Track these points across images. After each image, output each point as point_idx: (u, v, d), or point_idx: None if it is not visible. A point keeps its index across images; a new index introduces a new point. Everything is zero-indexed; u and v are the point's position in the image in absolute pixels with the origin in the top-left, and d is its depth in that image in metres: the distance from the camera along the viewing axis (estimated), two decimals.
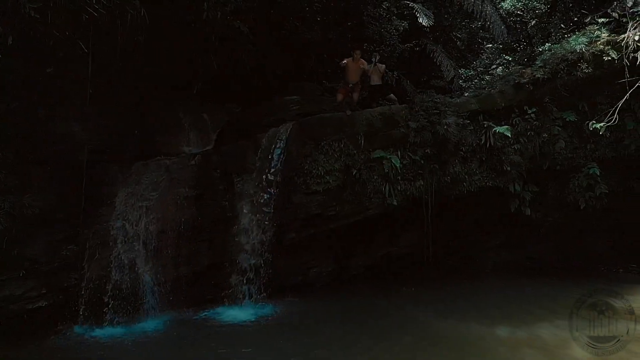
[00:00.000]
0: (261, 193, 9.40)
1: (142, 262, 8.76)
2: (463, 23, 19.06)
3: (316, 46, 12.65)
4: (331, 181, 9.93)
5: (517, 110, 11.12)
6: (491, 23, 15.55)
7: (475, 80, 15.95)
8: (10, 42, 7.15)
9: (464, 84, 16.16)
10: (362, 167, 10.16)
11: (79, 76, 8.41)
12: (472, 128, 10.94)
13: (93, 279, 8.35)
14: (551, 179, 11.37)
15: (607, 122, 9.78)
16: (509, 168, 10.88)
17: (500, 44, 16.81)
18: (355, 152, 10.14)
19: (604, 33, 10.71)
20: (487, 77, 14.64)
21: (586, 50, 10.54)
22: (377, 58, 11.93)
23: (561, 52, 10.76)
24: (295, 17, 12.02)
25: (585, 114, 10.75)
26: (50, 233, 8.08)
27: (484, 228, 11.92)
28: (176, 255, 8.93)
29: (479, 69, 16.76)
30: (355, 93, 10.97)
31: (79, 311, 8.23)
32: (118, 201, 8.76)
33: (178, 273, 8.96)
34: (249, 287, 9.36)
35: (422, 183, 10.63)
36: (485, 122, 10.92)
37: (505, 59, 15.36)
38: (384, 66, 11.90)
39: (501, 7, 16.77)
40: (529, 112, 10.97)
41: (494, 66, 15.60)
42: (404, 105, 11.15)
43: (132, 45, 9.04)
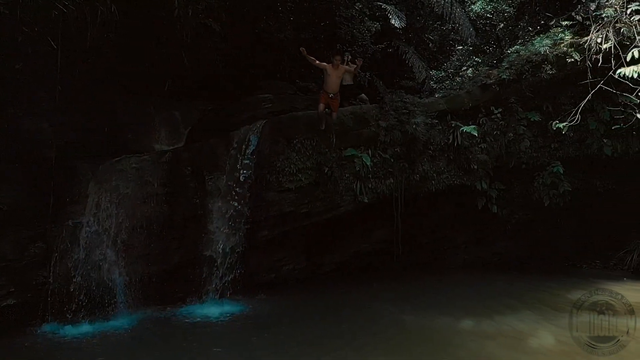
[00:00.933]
0: (233, 191, 9.43)
1: (112, 260, 8.72)
2: (435, 25, 19.39)
3: (289, 45, 12.74)
4: (303, 179, 10.02)
5: (484, 110, 11.44)
6: (460, 25, 15.91)
7: (446, 81, 16.29)
8: None
9: (435, 85, 16.48)
10: (334, 165, 10.28)
11: (48, 73, 8.35)
12: (441, 128, 11.20)
13: (62, 277, 8.29)
14: (517, 177, 11.70)
15: (570, 122, 10.16)
16: (476, 167, 11.17)
17: (470, 46, 17.18)
18: (327, 151, 10.26)
19: (568, 35, 11.07)
20: (458, 79, 14.95)
21: (550, 52, 10.88)
22: (349, 58, 12.13)
23: (526, 54, 11.09)
24: (268, 16, 12.09)
25: (549, 114, 11.12)
26: (18, 230, 7.99)
27: (453, 225, 12.18)
28: (146, 253, 8.90)
29: (450, 71, 17.11)
30: (334, 107, 10.21)
31: (48, 309, 8.15)
32: (88, 198, 8.69)
33: (148, 271, 8.93)
34: (221, 285, 9.36)
35: (392, 181, 10.83)
36: (453, 122, 11.19)
37: (475, 61, 15.71)
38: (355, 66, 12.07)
39: (471, 10, 17.15)
40: (495, 112, 11.29)
41: (465, 68, 15.92)
42: (375, 104, 11.35)
43: (103, 42, 9.03)
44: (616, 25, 10.41)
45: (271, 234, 10.13)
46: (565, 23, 11.50)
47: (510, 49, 12.75)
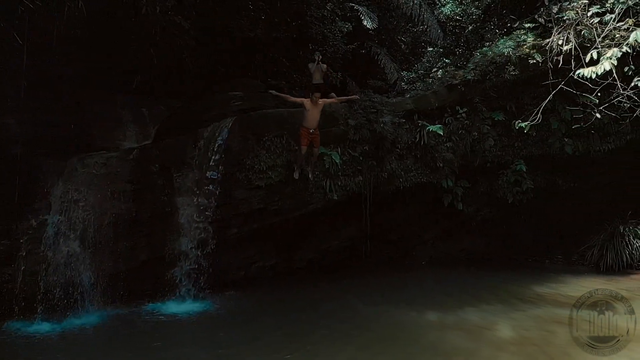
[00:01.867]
0: (201, 188, 9.44)
1: (79, 257, 8.64)
2: (407, 27, 19.70)
3: (261, 44, 12.81)
4: (273, 176, 10.08)
5: (450, 110, 11.71)
6: (429, 27, 16.22)
7: (417, 82, 16.59)
8: None
9: (406, 86, 16.78)
10: (304, 163, 10.39)
11: (14, 68, 8.28)
12: (408, 127, 11.42)
13: (28, 275, 8.20)
14: (482, 175, 12.01)
15: (531, 122, 10.42)
16: (442, 165, 11.43)
17: (440, 48, 17.53)
18: (297, 148, 10.34)
19: (530, 37, 11.37)
20: (429, 80, 15.24)
21: (513, 53, 11.18)
22: (320, 58, 12.30)
23: (490, 56, 11.39)
24: (239, 15, 12.13)
25: (513, 114, 11.39)
26: None
27: (421, 222, 12.42)
28: (114, 250, 8.85)
29: (421, 72, 17.44)
30: (316, 142, 9.91)
31: (14, 307, 8.04)
32: (54, 196, 8.59)
33: (116, 268, 8.87)
34: (189, 283, 9.35)
35: (361, 179, 11.00)
36: (420, 121, 11.43)
37: (445, 62, 16.03)
38: (326, 66, 12.26)
39: (441, 12, 17.47)
40: (461, 112, 11.57)
41: (435, 69, 16.24)
42: (344, 103, 11.47)
43: (70, 37, 8.98)
44: (577, 27, 10.71)
45: (241, 232, 10.16)
46: (528, 25, 11.81)
47: (478, 51, 13.08)
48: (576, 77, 9.88)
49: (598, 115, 10.42)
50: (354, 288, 10.34)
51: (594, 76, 9.63)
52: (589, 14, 10.62)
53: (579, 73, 9.79)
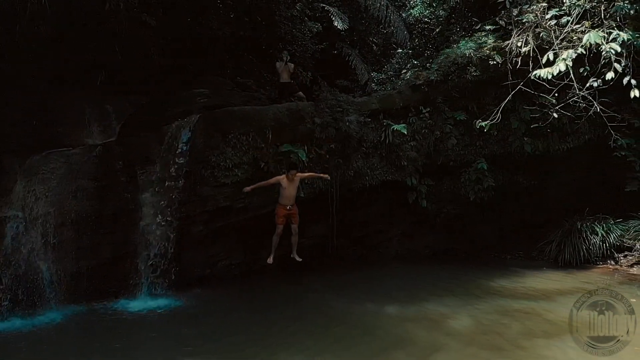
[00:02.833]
0: (165, 185, 9.46)
1: (41, 255, 8.58)
2: (378, 29, 19.96)
3: (230, 42, 12.85)
4: (240, 174, 10.12)
5: (414, 109, 11.94)
6: (395, 29, 16.46)
7: (387, 83, 16.88)
8: None
9: (376, 87, 17.05)
10: (271, 161, 10.45)
11: None
12: (373, 126, 11.62)
13: None
14: (445, 174, 12.26)
15: (492, 121, 10.76)
16: (406, 163, 11.65)
17: (410, 50, 17.84)
18: (263, 146, 10.40)
19: (491, 39, 11.72)
20: (400, 82, 15.48)
21: (474, 54, 11.49)
22: (288, 57, 12.43)
23: (453, 57, 11.68)
24: (207, 13, 12.16)
25: (474, 114, 11.67)
26: None
27: (387, 219, 12.61)
28: (77, 247, 8.81)
29: (390, 73, 17.74)
30: (294, 218, 9.80)
31: None
32: (15, 193, 8.52)
33: (79, 265, 8.84)
34: (153, 280, 9.37)
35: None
36: (385, 121, 11.64)
37: (413, 64, 16.31)
38: (293, 65, 12.39)
39: (410, 14, 17.81)
40: (424, 112, 11.81)
41: (405, 70, 16.49)
42: (310, 102, 11.63)
43: (32, 34, 8.92)
44: (536, 29, 11.09)
45: (207, 229, 10.18)
46: (489, 27, 12.16)
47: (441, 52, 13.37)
48: (534, 78, 10.25)
49: (555, 114, 10.82)
50: (320, 285, 10.43)
51: (550, 77, 9.97)
52: (548, 17, 11.00)
53: (536, 74, 10.15)
